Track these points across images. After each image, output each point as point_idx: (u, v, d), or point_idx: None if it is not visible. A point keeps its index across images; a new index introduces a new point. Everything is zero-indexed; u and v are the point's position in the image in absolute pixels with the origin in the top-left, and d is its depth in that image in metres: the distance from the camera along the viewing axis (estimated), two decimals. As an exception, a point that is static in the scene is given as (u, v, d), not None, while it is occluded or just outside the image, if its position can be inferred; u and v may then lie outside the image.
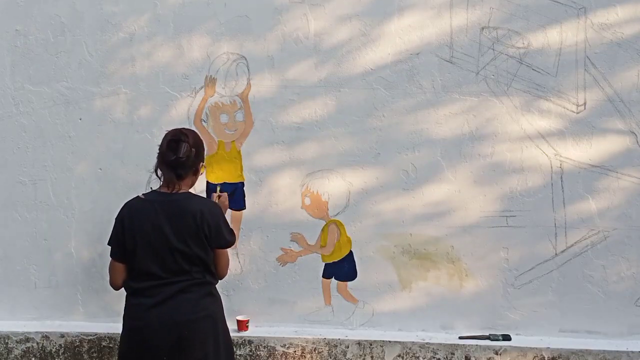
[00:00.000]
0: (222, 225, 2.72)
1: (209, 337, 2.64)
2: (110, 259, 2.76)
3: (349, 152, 3.45)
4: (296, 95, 3.45)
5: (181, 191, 2.69)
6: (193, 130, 2.85)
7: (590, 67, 3.27)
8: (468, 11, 3.33)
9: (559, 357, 3.24)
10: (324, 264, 3.51)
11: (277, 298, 3.54)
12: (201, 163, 2.79)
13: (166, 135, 2.74)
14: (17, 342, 3.58)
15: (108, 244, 2.77)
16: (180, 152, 2.64)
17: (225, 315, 2.84)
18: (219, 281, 2.83)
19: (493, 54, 3.33)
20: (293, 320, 3.54)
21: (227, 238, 2.74)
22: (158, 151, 2.72)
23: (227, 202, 3.26)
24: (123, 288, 2.74)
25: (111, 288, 2.81)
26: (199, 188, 3.52)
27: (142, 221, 2.63)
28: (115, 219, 2.73)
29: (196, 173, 2.77)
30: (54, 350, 3.56)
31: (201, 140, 2.81)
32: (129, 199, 2.77)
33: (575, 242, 3.33)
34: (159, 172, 2.71)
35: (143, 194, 2.73)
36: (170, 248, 2.60)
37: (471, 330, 3.41)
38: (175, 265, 2.61)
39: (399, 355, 3.35)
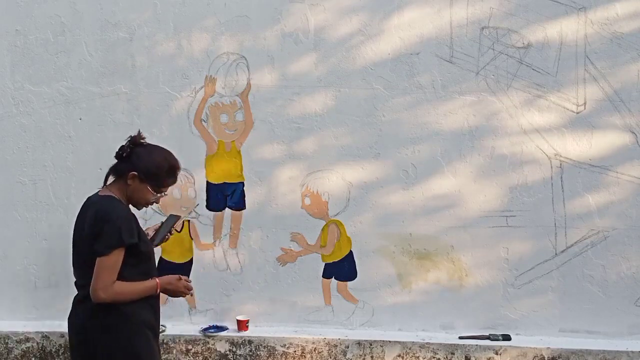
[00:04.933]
0: (104, 232, 2.25)
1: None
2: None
3: (348, 152, 3.44)
4: (296, 95, 3.45)
5: (108, 194, 2.37)
6: (156, 150, 2.44)
7: (590, 67, 3.27)
8: (468, 11, 3.33)
9: (559, 357, 3.24)
10: (324, 264, 3.51)
11: (277, 298, 3.54)
12: (131, 174, 2.34)
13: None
14: (17, 342, 3.58)
15: None
16: (122, 147, 2.40)
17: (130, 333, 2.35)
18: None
19: (493, 53, 3.33)
20: (293, 320, 3.54)
21: (97, 248, 2.24)
22: None
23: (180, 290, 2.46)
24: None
25: None
26: (199, 188, 3.53)
27: (75, 223, 2.40)
28: None
29: (126, 182, 2.36)
30: (54, 350, 3.56)
31: (148, 161, 2.36)
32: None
33: (575, 242, 3.32)
34: None
35: (92, 195, 2.46)
36: (77, 253, 2.37)
37: (471, 330, 3.41)
38: (76, 272, 2.38)
39: (399, 355, 3.35)
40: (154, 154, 2.41)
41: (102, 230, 2.24)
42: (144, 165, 2.36)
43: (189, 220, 3.56)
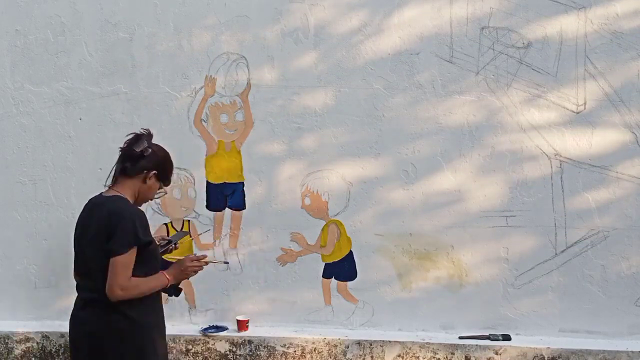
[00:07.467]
0: (120, 230, 2.22)
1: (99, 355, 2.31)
2: None
3: (348, 151, 3.45)
4: (296, 95, 3.45)
5: (116, 194, 2.32)
6: (161, 147, 2.43)
7: (590, 66, 3.27)
8: (468, 10, 3.33)
9: (559, 357, 3.24)
10: (324, 264, 3.51)
11: (277, 298, 3.54)
12: (153, 174, 2.34)
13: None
14: (17, 342, 3.58)
15: None
16: (136, 146, 2.33)
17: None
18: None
19: (493, 53, 3.33)
20: (293, 320, 3.54)
21: (113, 247, 2.21)
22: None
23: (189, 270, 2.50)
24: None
25: None
26: (199, 188, 3.53)
27: (77, 225, 2.37)
28: None
29: (144, 181, 2.35)
30: (54, 350, 3.56)
31: (164, 158, 2.40)
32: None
33: (575, 242, 3.32)
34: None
35: (94, 196, 2.43)
36: (83, 254, 2.31)
37: (471, 330, 3.40)
38: (82, 275, 2.34)
39: (399, 355, 3.35)
40: (165, 152, 2.42)
41: (117, 228, 2.21)
42: (162, 164, 2.38)
43: (189, 220, 3.56)
